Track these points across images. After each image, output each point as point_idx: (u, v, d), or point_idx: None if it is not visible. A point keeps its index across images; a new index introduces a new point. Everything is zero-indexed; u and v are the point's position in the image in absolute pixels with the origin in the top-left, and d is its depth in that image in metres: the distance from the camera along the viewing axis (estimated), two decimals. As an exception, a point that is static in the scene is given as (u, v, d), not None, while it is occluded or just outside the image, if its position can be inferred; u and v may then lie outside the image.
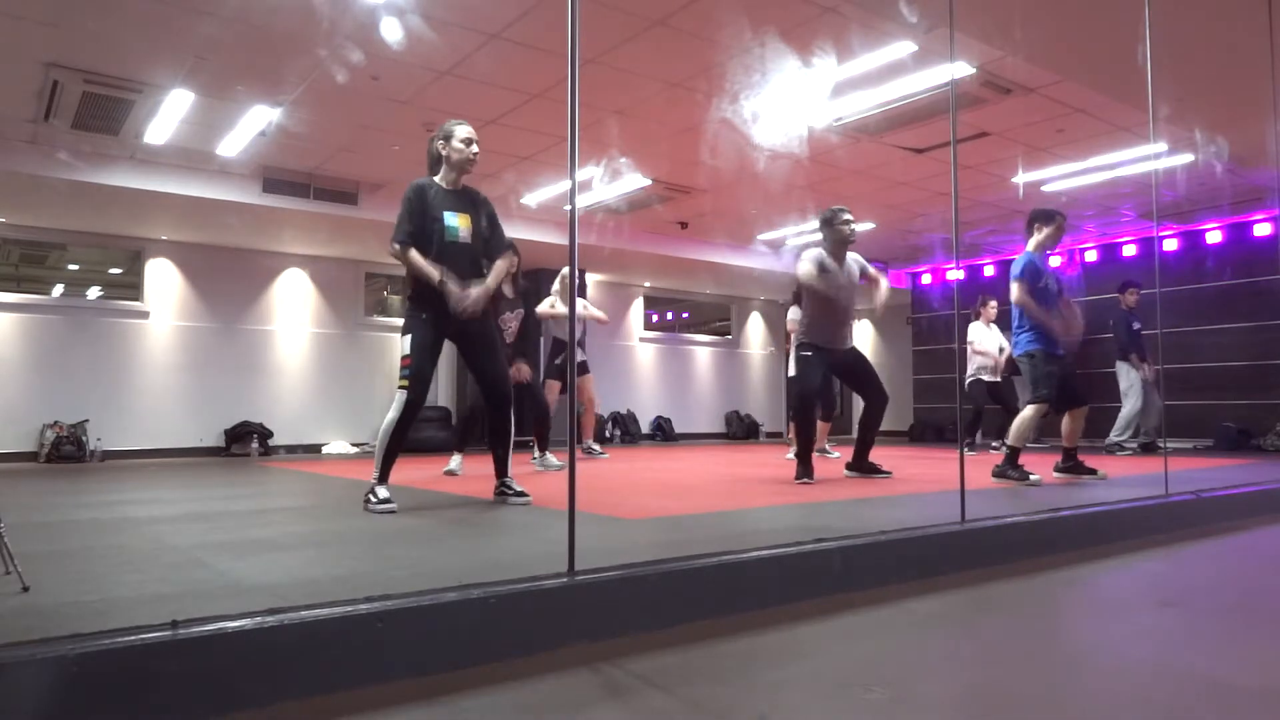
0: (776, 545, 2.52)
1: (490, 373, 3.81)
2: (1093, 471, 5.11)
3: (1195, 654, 2.03)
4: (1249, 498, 4.37)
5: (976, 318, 8.53)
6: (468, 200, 3.78)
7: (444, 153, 3.74)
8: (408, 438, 3.63)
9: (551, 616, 1.99)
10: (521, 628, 1.93)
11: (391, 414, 3.58)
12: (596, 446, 7.74)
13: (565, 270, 6.94)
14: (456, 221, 3.69)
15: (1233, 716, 1.62)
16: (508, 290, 5.62)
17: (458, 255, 3.66)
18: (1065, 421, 5.11)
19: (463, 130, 3.75)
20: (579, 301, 7.04)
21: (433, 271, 3.56)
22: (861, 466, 5.23)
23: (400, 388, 3.59)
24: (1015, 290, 4.96)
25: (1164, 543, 3.57)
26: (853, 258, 5.13)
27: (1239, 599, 2.66)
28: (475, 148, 3.75)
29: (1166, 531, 3.71)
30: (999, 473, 4.78)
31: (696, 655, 1.98)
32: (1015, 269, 5.03)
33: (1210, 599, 2.65)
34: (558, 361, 6.83)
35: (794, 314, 6.98)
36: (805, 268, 4.94)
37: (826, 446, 7.75)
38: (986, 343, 8.33)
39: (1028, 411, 4.89)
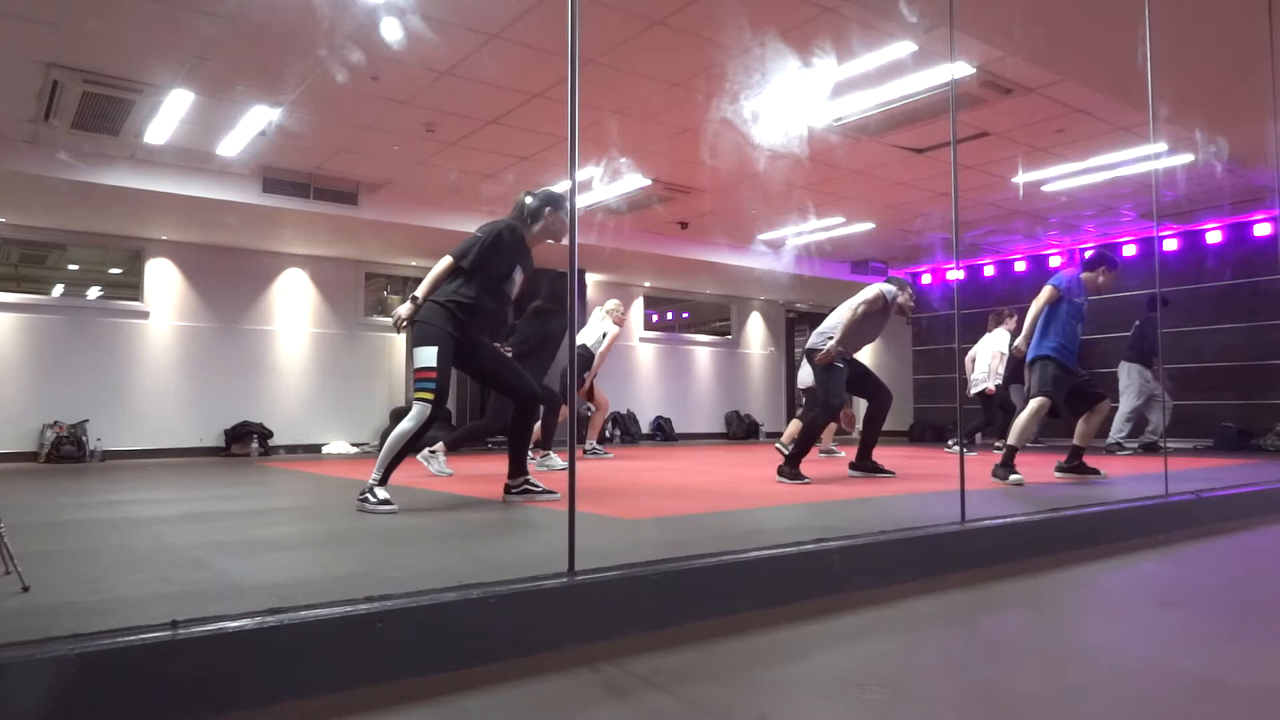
0: (776, 545, 2.52)
1: (513, 380, 3.88)
2: (1095, 472, 5.12)
3: (1195, 654, 2.03)
4: (1249, 498, 4.37)
5: (997, 326, 8.55)
6: (531, 263, 3.94)
7: (549, 221, 3.85)
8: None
9: (551, 616, 1.99)
10: (521, 628, 1.93)
11: (409, 424, 3.58)
12: (600, 447, 7.80)
13: (610, 303, 7.55)
14: (519, 278, 3.87)
15: (1232, 716, 1.62)
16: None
17: (500, 307, 3.81)
18: (1082, 421, 5.11)
19: (567, 204, 3.88)
20: (597, 329, 7.25)
21: (424, 291, 3.67)
22: (865, 466, 5.27)
23: (423, 400, 3.58)
24: (1042, 292, 5.10)
25: (1164, 543, 3.57)
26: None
27: (1238, 599, 2.66)
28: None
29: (1166, 531, 3.71)
30: (994, 471, 4.80)
31: (696, 655, 1.98)
32: (1055, 278, 5.18)
33: (1210, 599, 2.65)
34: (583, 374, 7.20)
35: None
36: (883, 291, 5.25)
37: (833, 446, 7.78)
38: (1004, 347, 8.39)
39: (1028, 409, 4.91)
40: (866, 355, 5.38)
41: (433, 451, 5.44)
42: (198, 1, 4.56)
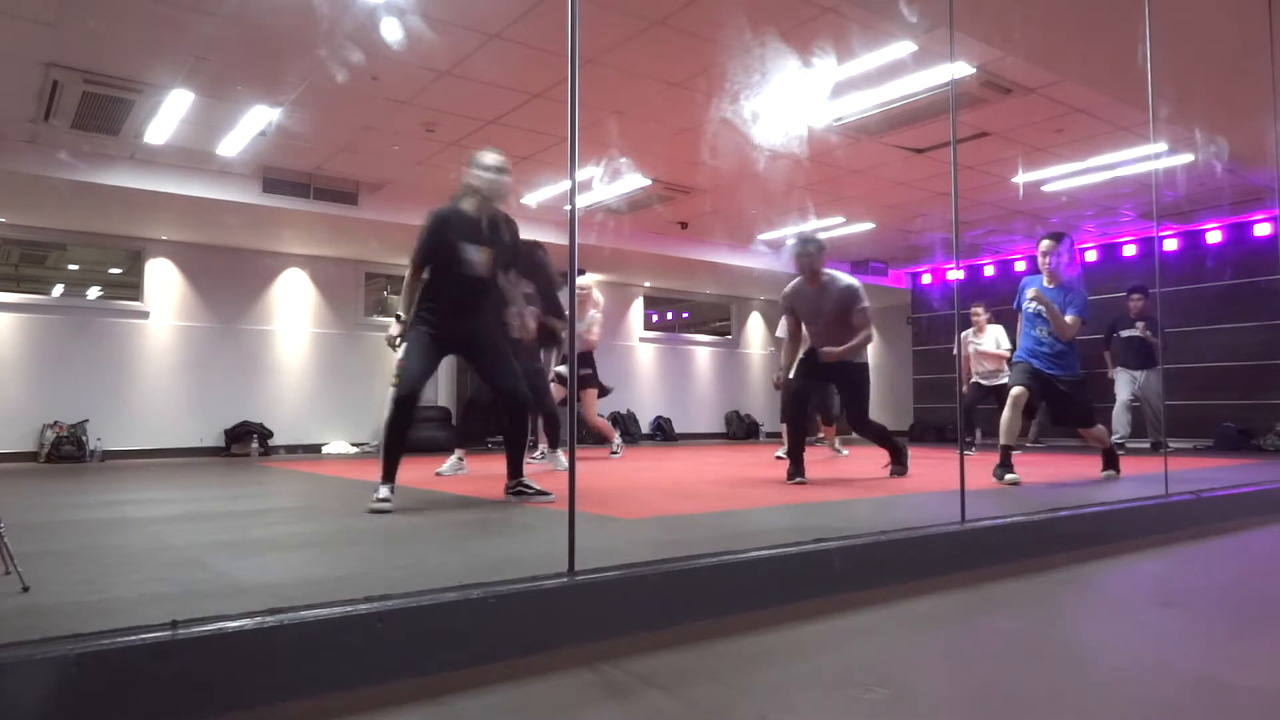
0: (776, 545, 2.52)
1: (501, 379, 3.87)
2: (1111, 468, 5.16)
3: (1195, 654, 2.03)
4: (1249, 498, 4.37)
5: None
6: (492, 230, 3.82)
7: (477, 183, 3.79)
8: (409, 437, 3.72)
9: (551, 616, 1.98)
10: (521, 628, 1.93)
11: (387, 414, 3.68)
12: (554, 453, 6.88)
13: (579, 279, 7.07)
14: (476, 255, 3.75)
15: (1232, 716, 1.62)
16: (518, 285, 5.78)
17: (467, 287, 3.77)
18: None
19: (489, 158, 3.79)
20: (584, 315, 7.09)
21: (404, 308, 3.78)
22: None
23: (393, 386, 3.68)
24: None
25: (1164, 543, 3.57)
26: (843, 286, 4.92)
27: (1238, 599, 2.66)
28: (505, 176, 3.80)
29: (1166, 531, 3.71)
30: (993, 471, 4.81)
31: (696, 655, 1.98)
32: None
33: (1210, 599, 2.65)
34: (561, 369, 6.96)
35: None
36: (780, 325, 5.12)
37: (837, 444, 7.79)
38: (980, 347, 8.40)
39: (1007, 404, 4.93)
40: (869, 355, 5.29)
41: (460, 459, 5.59)
42: (198, 1, 4.56)
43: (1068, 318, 4.89)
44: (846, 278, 5.03)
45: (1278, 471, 5.70)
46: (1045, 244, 5.11)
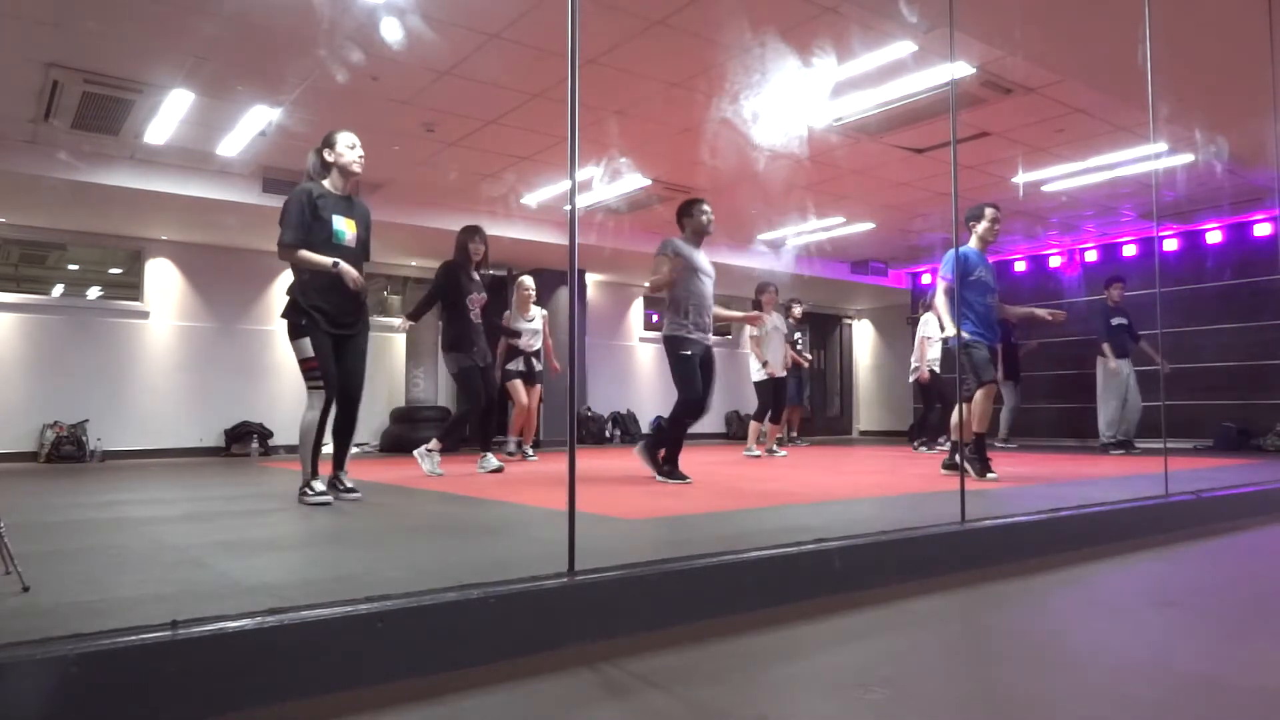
0: (776, 545, 2.52)
1: (354, 372, 3.99)
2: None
3: (1195, 654, 2.02)
4: (1249, 498, 4.37)
5: (927, 309, 8.63)
6: (353, 207, 3.99)
7: (330, 159, 3.91)
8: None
9: (551, 616, 1.98)
10: (521, 628, 1.93)
11: (312, 414, 3.76)
12: (530, 450, 7.30)
13: (522, 279, 7.10)
14: (344, 226, 3.90)
15: (1232, 717, 1.62)
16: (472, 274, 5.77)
17: (342, 259, 3.85)
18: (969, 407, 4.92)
19: (347, 137, 3.92)
20: (538, 320, 7.09)
21: (325, 260, 3.77)
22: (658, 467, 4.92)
23: (316, 389, 3.77)
24: (938, 288, 5.11)
25: (1164, 543, 3.56)
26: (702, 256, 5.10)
27: (1239, 599, 2.66)
28: (360, 151, 3.91)
29: (1166, 531, 3.71)
30: (949, 464, 4.83)
31: (696, 655, 1.98)
32: (941, 268, 5.14)
33: (1210, 599, 2.65)
34: (509, 366, 6.94)
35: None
36: (658, 258, 4.96)
37: (774, 446, 7.89)
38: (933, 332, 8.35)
39: (978, 395, 4.91)
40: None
41: (430, 450, 5.48)
42: (198, 1, 4.56)
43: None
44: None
45: (1278, 471, 5.70)
46: (995, 213, 5.13)
